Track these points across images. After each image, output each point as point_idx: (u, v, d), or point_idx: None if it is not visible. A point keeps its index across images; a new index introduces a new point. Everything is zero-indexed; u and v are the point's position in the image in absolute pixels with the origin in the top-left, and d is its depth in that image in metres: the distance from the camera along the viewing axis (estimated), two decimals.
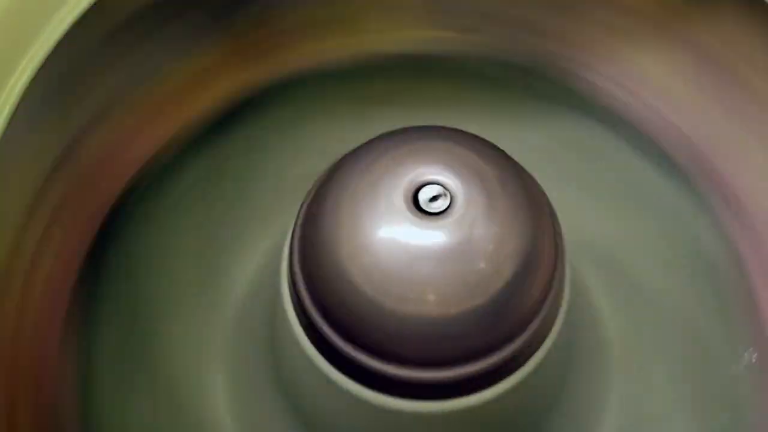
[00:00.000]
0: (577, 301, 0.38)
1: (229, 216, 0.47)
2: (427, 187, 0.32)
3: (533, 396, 0.39)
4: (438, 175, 0.32)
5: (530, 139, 0.45)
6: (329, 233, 0.33)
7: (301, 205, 0.35)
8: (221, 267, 0.47)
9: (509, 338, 0.33)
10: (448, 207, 0.31)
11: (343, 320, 0.33)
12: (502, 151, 0.33)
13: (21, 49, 0.35)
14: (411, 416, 0.35)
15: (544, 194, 0.34)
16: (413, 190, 0.32)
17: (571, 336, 0.39)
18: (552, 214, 0.34)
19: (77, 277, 0.42)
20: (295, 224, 0.35)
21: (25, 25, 0.36)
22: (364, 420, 0.37)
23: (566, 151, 0.47)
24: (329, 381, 0.35)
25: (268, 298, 0.42)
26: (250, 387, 0.45)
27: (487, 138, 0.34)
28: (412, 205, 0.31)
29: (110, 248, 0.44)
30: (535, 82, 0.46)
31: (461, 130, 0.34)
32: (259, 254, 0.47)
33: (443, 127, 0.34)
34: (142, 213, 0.45)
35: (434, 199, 0.32)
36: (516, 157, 0.34)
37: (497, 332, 0.33)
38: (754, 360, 0.43)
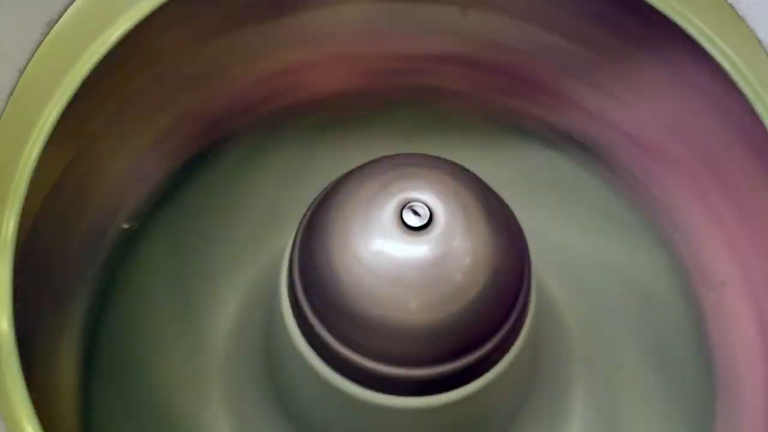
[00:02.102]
0: (542, 308, 0.41)
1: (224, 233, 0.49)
2: (411, 205, 0.35)
3: (506, 392, 0.41)
4: (421, 196, 0.35)
5: (502, 166, 0.48)
6: (325, 246, 0.35)
7: (301, 221, 0.38)
8: (210, 294, 0.48)
9: (484, 340, 0.36)
10: (429, 224, 0.34)
11: (337, 323, 0.36)
12: (477, 176, 0.36)
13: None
14: (399, 412, 0.38)
15: (512, 214, 0.37)
16: (399, 208, 0.35)
17: (538, 338, 0.41)
18: (519, 231, 0.37)
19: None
20: (295, 238, 0.38)
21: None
22: (356, 417, 0.40)
23: (534, 177, 0.50)
24: (323, 380, 0.38)
25: (261, 317, 0.45)
26: (246, 395, 0.47)
27: (464, 164, 0.37)
28: (398, 222, 0.34)
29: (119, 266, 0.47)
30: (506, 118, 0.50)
31: (442, 158, 0.37)
32: (250, 277, 0.48)
33: (426, 155, 0.37)
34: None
35: (417, 216, 0.34)
36: (489, 182, 0.37)
37: (473, 334, 0.36)
38: None
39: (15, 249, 0.34)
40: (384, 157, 0.37)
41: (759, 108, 0.38)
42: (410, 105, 0.50)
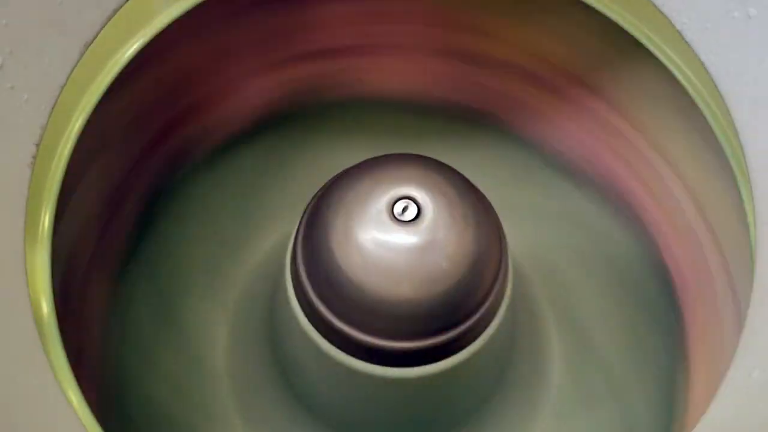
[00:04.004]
0: (518, 292, 0.44)
1: (240, 216, 0.53)
2: (401, 200, 0.38)
3: (487, 364, 0.44)
4: (411, 192, 0.38)
5: (486, 168, 0.51)
6: (326, 234, 0.39)
7: (304, 211, 0.41)
8: (231, 256, 0.52)
9: (466, 317, 0.40)
10: (418, 217, 0.38)
11: (337, 303, 0.39)
12: (461, 174, 0.40)
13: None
14: (393, 382, 0.41)
15: (492, 208, 0.40)
16: (391, 203, 0.38)
17: (514, 320, 0.45)
18: (497, 224, 0.40)
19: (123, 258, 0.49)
20: (299, 226, 0.41)
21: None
22: (353, 388, 0.43)
23: (517, 182, 0.53)
24: (324, 353, 0.41)
25: (269, 288, 0.47)
26: (250, 361, 0.50)
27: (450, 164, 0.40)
28: (390, 215, 0.38)
29: (146, 239, 0.50)
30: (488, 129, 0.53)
31: (430, 158, 0.40)
32: (263, 249, 0.52)
33: (416, 155, 0.40)
34: (170, 211, 0.51)
35: (407, 210, 0.38)
36: (475, 182, 0.40)
37: (457, 312, 0.39)
38: None
39: (51, 242, 0.38)
40: (379, 156, 0.40)
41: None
42: (404, 109, 0.53)
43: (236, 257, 0.52)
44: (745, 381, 0.29)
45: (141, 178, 0.48)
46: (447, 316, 0.40)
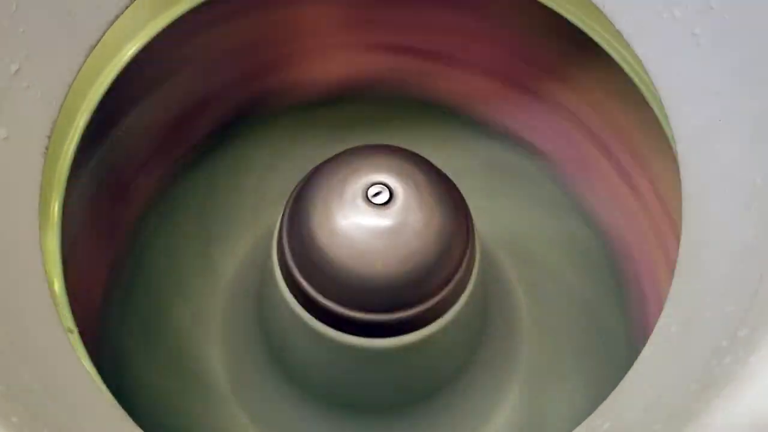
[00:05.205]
0: (490, 272, 0.46)
1: (222, 212, 0.55)
2: (375, 186, 0.40)
3: (458, 337, 0.47)
4: (384, 178, 0.41)
5: (454, 157, 0.54)
6: (309, 218, 0.41)
7: (288, 198, 0.44)
8: (220, 247, 0.54)
9: (437, 291, 0.42)
10: (390, 201, 0.40)
11: (318, 278, 0.42)
12: (428, 161, 0.42)
13: None
14: (372, 352, 0.43)
15: (458, 190, 0.43)
16: (366, 188, 0.40)
17: (484, 296, 0.47)
18: (464, 206, 0.43)
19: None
20: (284, 211, 0.44)
21: None
22: (336, 359, 0.45)
23: (486, 168, 0.56)
24: (309, 327, 0.43)
25: (257, 274, 0.49)
26: (239, 338, 0.52)
27: (420, 154, 0.43)
28: (365, 199, 0.40)
29: (137, 239, 0.53)
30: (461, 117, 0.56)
31: (400, 147, 0.43)
32: (248, 241, 0.54)
33: (388, 145, 0.43)
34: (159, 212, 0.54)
35: (380, 195, 0.40)
36: (446, 171, 0.43)
37: (428, 287, 0.42)
38: None
39: (61, 227, 0.41)
40: (355, 147, 0.43)
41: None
42: (381, 97, 0.55)
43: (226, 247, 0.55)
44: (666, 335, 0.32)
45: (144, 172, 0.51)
46: (419, 290, 0.42)
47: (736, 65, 0.34)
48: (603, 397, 0.49)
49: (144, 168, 0.52)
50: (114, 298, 0.51)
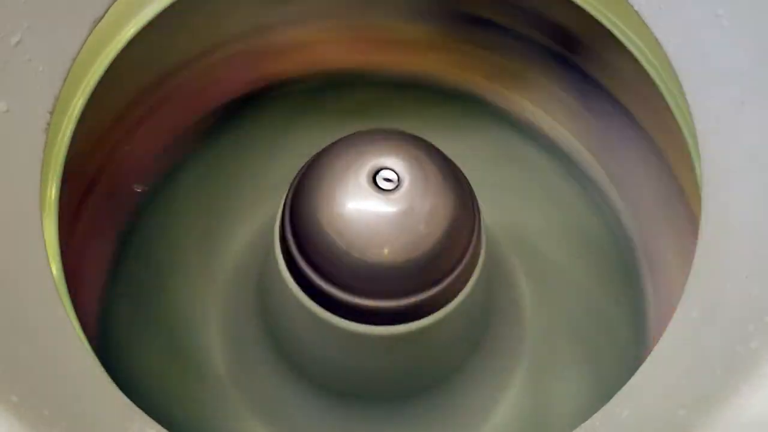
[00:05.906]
0: (495, 262, 0.46)
1: (225, 199, 0.55)
2: (382, 171, 0.40)
3: (462, 325, 0.46)
4: (391, 163, 0.40)
5: (461, 145, 0.52)
6: (313, 203, 0.41)
7: (292, 182, 0.43)
8: (221, 233, 0.54)
9: (442, 278, 0.42)
10: (397, 186, 0.40)
11: (322, 265, 0.41)
12: (435, 146, 0.42)
13: None
14: (377, 339, 0.43)
15: (464, 177, 0.43)
16: (373, 173, 0.40)
17: (490, 287, 0.47)
18: (471, 193, 0.43)
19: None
20: (287, 195, 0.43)
21: None
22: (339, 346, 0.45)
23: (495, 157, 0.56)
24: (313, 314, 0.43)
25: (258, 261, 0.49)
26: (240, 326, 0.52)
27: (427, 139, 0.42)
28: (372, 184, 0.40)
29: (138, 223, 0.53)
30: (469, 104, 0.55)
31: (407, 132, 0.42)
32: (252, 227, 0.54)
33: (395, 129, 0.43)
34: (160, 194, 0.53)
35: (387, 180, 0.40)
36: (454, 158, 0.42)
37: (434, 273, 0.42)
38: None
39: (59, 210, 0.41)
40: (361, 132, 0.42)
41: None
42: (390, 84, 0.55)
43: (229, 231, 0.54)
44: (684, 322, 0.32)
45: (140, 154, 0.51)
46: (425, 277, 0.42)
47: (761, 46, 0.33)
48: (608, 387, 0.49)
49: (144, 155, 0.52)
50: (114, 284, 0.51)
